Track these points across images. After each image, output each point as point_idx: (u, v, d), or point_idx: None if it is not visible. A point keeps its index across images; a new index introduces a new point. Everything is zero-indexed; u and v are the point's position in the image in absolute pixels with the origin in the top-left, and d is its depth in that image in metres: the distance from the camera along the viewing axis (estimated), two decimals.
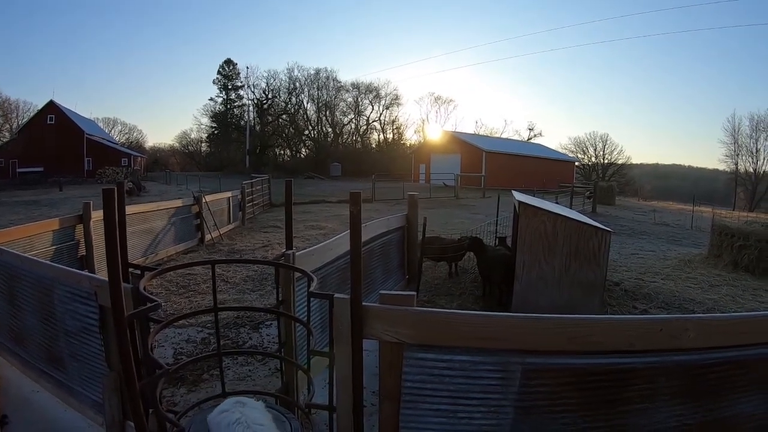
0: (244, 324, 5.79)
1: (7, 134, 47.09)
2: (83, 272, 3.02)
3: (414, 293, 2.40)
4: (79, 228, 6.56)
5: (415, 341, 2.22)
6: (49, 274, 3.29)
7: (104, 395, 2.98)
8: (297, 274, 3.30)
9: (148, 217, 8.51)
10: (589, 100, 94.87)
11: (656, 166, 69.07)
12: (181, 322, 5.67)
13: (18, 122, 48.37)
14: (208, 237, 10.81)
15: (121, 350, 2.20)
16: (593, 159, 57.81)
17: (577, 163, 49.24)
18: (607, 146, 57.04)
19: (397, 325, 2.25)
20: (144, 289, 2.54)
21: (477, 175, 31.24)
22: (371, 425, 2.61)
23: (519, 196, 7.39)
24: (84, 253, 6.57)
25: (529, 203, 6.38)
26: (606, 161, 57.39)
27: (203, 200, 10.66)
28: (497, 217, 11.66)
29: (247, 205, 15.27)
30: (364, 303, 2.34)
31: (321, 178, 43.93)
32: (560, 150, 51.26)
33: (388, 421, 2.34)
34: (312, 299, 2.78)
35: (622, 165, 57.29)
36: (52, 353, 3.45)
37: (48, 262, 3.58)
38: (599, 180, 39.77)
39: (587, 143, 58.07)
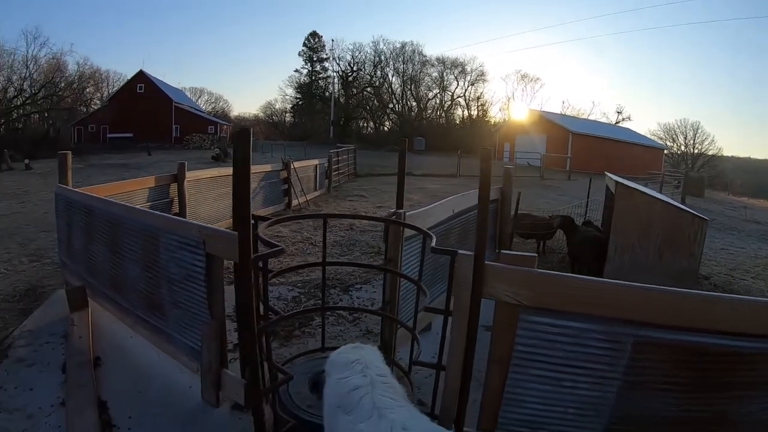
0: (335, 286, 5.89)
1: (98, 102, 50.47)
2: (193, 222, 3.12)
3: (536, 255, 2.31)
4: (174, 187, 6.89)
5: (533, 303, 2.18)
6: (157, 223, 3.43)
7: (203, 342, 3.09)
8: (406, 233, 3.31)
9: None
10: (681, 86, 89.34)
11: (748, 160, 62.81)
12: (272, 279, 5.90)
13: (108, 91, 51.66)
14: (294, 202, 11.13)
15: (243, 293, 2.23)
16: (682, 148, 54.02)
17: (665, 151, 46.10)
18: (698, 135, 53.06)
19: (517, 286, 2.21)
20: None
21: (563, 156, 30.01)
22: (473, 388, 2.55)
23: (614, 177, 7.11)
24: (177, 211, 6.87)
25: (627, 184, 6.12)
26: (696, 151, 53.36)
27: (291, 166, 10.92)
28: (588, 198, 11.17)
29: (333, 173, 15.67)
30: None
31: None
32: (649, 136, 48.25)
33: (494, 384, 2.32)
34: (416, 258, 2.72)
35: (713, 156, 53.00)
36: (152, 300, 3.61)
37: (157, 212, 3.76)
38: (689, 170, 36.94)
39: (677, 131, 54.29)
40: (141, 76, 46.78)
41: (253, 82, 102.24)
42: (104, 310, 4.42)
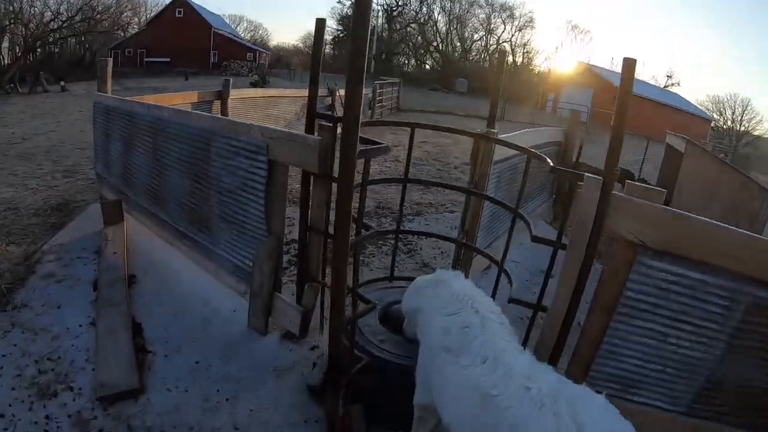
0: (385, 215, 5.58)
1: (136, 27, 49.75)
2: (254, 123, 2.78)
3: (665, 189, 1.93)
4: (217, 104, 6.52)
5: (656, 245, 1.88)
6: (210, 125, 3.05)
7: (256, 261, 2.80)
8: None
9: (280, 102, 8.38)
10: (735, 58, 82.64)
11: None
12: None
13: (146, 16, 50.62)
14: (338, 130, 10.62)
15: (343, 195, 1.88)
16: (729, 123, 50.96)
17: (712, 124, 43.85)
18: (746, 113, 49.73)
19: (641, 222, 1.90)
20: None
21: (609, 112, 28.62)
22: None
23: (683, 137, 6.70)
24: None
25: (697, 143, 5.76)
26: (742, 128, 50.36)
27: (337, 93, 10.43)
28: (644, 156, 10.61)
29: (377, 105, 15.26)
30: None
31: (446, 91, 42.47)
32: (696, 105, 45.75)
33: (592, 332, 2.07)
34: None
35: (759, 137, 50.00)
36: (197, 213, 3.31)
37: (209, 114, 3.39)
38: (736, 145, 34.91)
39: (726, 104, 51.02)
40: (180, 0, 45.83)
41: (293, 11, 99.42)
42: (142, 226, 4.16)
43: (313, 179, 2.58)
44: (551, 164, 2.22)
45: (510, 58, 55.45)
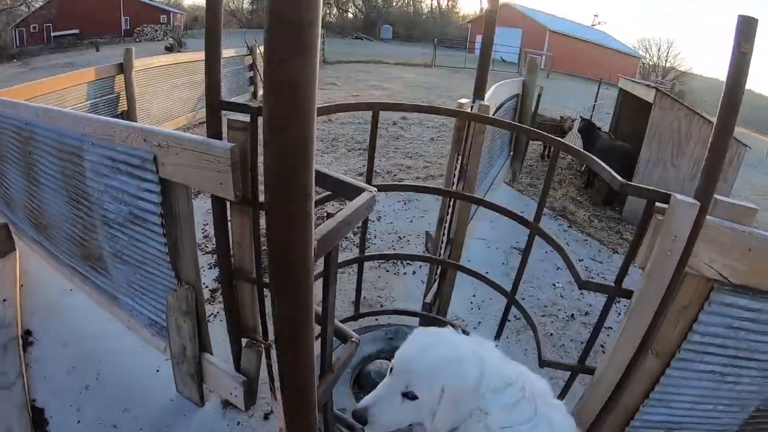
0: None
1: (40, 2, 44.89)
2: (132, 123, 1.89)
3: (756, 208, 1.29)
4: (120, 79, 5.43)
5: (737, 279, 1.38)
6: (76, 129, 2.04)
7: (170, 318, 1.99)
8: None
9: (195, 68, 7.21)
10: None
11: (717, 81, 61.60)
12: None
13: None
14: (261, 91, 9.53)
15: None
16: (654, 59, 52.28)
17: (641, 62, 44.65)
18: (671, 50, 51.05)
19: (729, 254, 1.35)
20: None
21: (540, 53, 28.22)
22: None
23: (646, 83, 6.29)
24: (125, 108, 5.54)
25: (666, 93, 5.31)
26: (668, 65, 51.79)
27: (257, 51, 9.25)
28: (595, 102, 10.24)
29: None
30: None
31: (371, 39, 40.57)
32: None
33: (640, 383, 1.61)
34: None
35: (683, 72, 51.58)
36: (87, 249, 2.40)
37: (72, 111, 2.35)
38: (662, 81, 35.54)
39: (652, 43, 52.26)
40: None
41: None
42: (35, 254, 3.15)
43: (230, 207, 1.77)
44: (619, 181, 1.48)
45: (433, 2, 54.07)
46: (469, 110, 1.96)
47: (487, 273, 3.09)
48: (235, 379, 1.94)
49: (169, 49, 25.13)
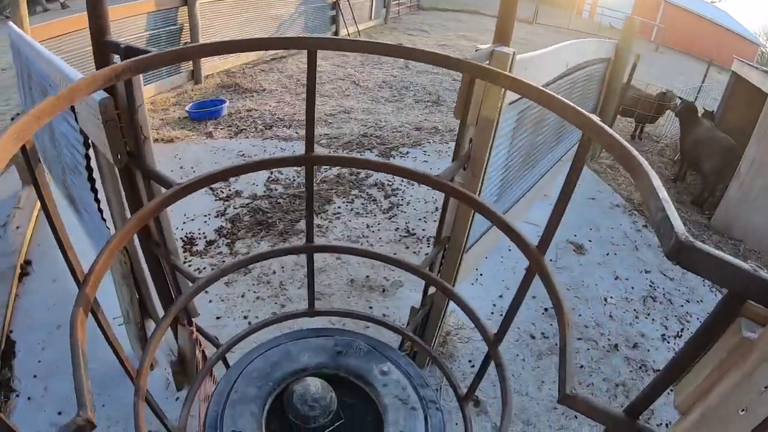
0: (373, 147, 4.31)
1: None
2: (60, 65, 1.57)
3: None
4: (183, 10, 5.17)
5: None
6: (45, 69, 1.68)
7: (114, 280, 1.76)
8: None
9: (271, 3, 6.79)
10: None
11: None
12: (287, 133, 4.44)
13: None
14: (343, 32, 8.93)
15: None
16: None
17: (761, 50, 38.59)
18: None
19: None
20: None
21: (651, 23, 25.18)
22: None
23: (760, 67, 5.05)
24: (189, 40, 5.25)
25: None
26: None
27: None
28: (702, 83, 8.72)
29: (393, 2, 12.74)
30: None
31: None
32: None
33: None
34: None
35: None
36: (67, 191, 2.18)
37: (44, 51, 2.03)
38: None
39: None
40: None
41: None
42: None
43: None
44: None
45: None
46: (479, 60, 1.28)
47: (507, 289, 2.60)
48: (166, 356, 1.66)
49: None
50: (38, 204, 2.99)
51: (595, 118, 0.76)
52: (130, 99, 1.18)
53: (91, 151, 1.44)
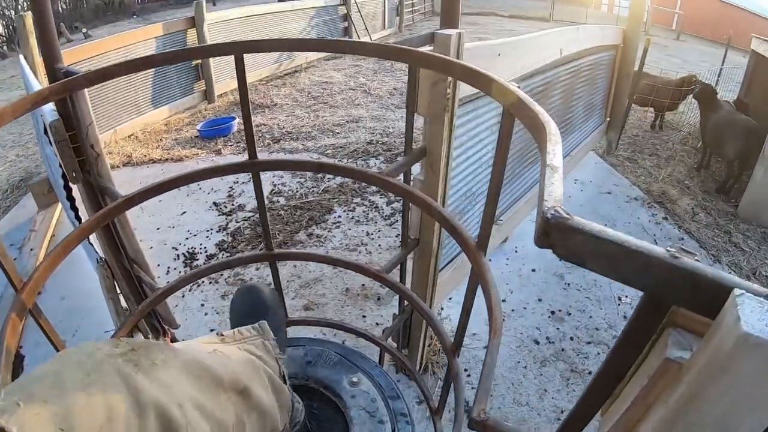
0: (378, 153, 4.27)
1: None
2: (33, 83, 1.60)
3: None
4: (192, 33, 5.30)
5: None
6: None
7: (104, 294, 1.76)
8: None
9: (282, 18, 6.90)
10: None
11: None
12: (293, 145, 4.44)
13: None
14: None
15: None
16: None
17: None
18: None
19: None
20: None
21: (671, 11, 24.41)
22: None
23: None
24: (199, 62, 5.41)
25: None
26: None
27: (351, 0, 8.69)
28: (722, 66, 8.27)
29: (406, 10, 12.56)
30: None
31: None
32: None
33: None
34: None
35: None
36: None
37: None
38: None
39: None
40: None
41: None
42: None
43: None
44: None
45: None
46: (419, 45, 1.18)
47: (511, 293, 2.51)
48: None
49: None
50: (51, 226, 3.07)
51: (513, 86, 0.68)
52: (77, 119, 1.17)
53: None
